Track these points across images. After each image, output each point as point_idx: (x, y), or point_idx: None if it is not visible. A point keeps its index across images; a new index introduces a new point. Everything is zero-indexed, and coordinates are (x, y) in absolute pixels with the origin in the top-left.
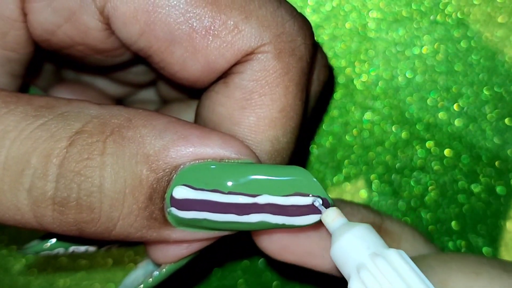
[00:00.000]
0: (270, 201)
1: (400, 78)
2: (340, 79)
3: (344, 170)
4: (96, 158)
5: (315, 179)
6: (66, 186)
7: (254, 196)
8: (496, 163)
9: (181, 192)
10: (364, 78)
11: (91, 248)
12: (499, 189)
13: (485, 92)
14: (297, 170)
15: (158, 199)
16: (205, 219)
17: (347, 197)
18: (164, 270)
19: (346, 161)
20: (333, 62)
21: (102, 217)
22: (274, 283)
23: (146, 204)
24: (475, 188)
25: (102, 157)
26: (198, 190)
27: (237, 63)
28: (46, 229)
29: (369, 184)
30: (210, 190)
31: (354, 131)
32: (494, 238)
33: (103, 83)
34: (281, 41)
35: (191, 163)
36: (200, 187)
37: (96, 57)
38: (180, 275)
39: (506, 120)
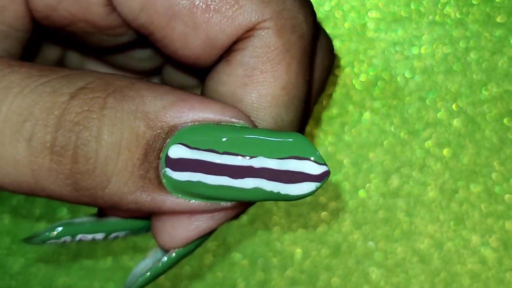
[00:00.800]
0: (265, 165)
1: (399, 78)
2: (339, 79)
3: (343, 170)
4: (96, 110)
5: (311, 144)
6: (65, 135)
7: (249, 157)
8: (495, 163)
9: (176, 151)
10: (363, 78)
11: (98, 236)
12: (498, 189)
13: (484, 92)
14: (293, 134)
15: (153, 157)
16: (199, 182)
17: (346, 197)
18: (172, 255)
19: (345, 161)
20: None
21: (97, 168)
22: (273, 283)
23: (141, 161)
24: (474, 188)
25: (101, 110)
26: (194, 149)
27: (238, 40)
28: (42, 187)
29: (368, 184)
30: (205, 149)
31: (353, 131)
32: (493, 238)
33: (106, 71)
34: (282, 17)
35: (189, 124)
36: (196, 147)
37: (98, 37)
38: (180, 275)
39: (505, 120)
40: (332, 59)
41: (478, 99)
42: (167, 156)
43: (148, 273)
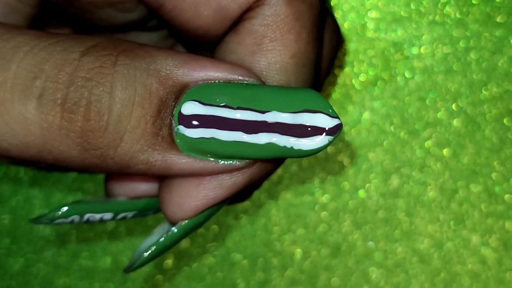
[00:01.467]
0: (279, 119)
1: (399, 78)
2: (339, 79)
3: (343, 170)
4: (109, 66)
5: (324, 98)
6: (77, 91)
7: (262, 112)
8: (495, 163)
9: (190, 107)
10: (362, 78)
11: (107, 216)
12: (498, 189)
13: (484, 92)
14: (305, 89)
15: (167, 114)
16: (212, 139)
17: (346, 197)
18: (181, 226)
19: (345, 161)
20: None
21: (109, 125)
22: (273, 283)
23: (154, 118)
24: (474, 188)
25: (114, 66)
26: (207, 106)
27: (249, 9)
28: (50, 147)
29: (368, 184)
30: (219, 105)
31: (353, 131)
32: (493, 238)
33: None
34: None
35: (201, 82)
36: (209, 103)
37: (107, 12)
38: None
39: (505, 120)
40: (339, 40)
41: (478, 99)
42: (180, 113)
43: (155, 246)
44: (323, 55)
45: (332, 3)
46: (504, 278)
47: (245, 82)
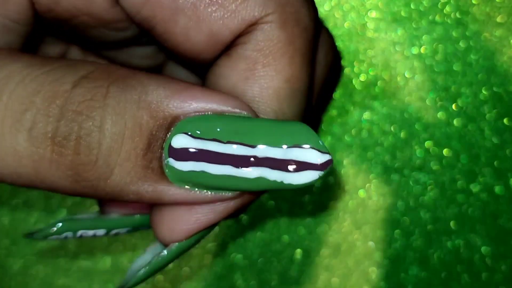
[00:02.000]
0: (269, 154)
1: (399, 78)
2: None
3: (343, 170)
4: (99, 99)
5: (314, 133)
6: (67, 125)
7: (253, 146)
8: (495, 163)
9: (180, 141)
10: (363, 78)
11: (100, 232)
12: (498, 189)
13: (484, 92)
14: (296, 123)
15: (157, 148)
16: (202, 172)
17: (346, 197)
18: (172, 248)
19: (345, 161)
20: None
21: (99, 159)
22: (273, 283)
23: (144, 151)
24: (474, 188)
25: (104, 99)
26: (197, 139)
27: (241, 34)
28: (42, 178)
29: (368, 184)
30: (208, 139)
31: (353, 131)
32: (493, 237)
33: None
34: (286, 11)
35: (192, 114)
36: (199, 136)
37: (100, 31)
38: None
39: (505, 120)
40: (334, 56)
41: (478, 99)
42: (170, 146)
43: (147, 267)
44: (317, 73)
45: (332, 3)
46: (504, 277)
47: (237, 114)
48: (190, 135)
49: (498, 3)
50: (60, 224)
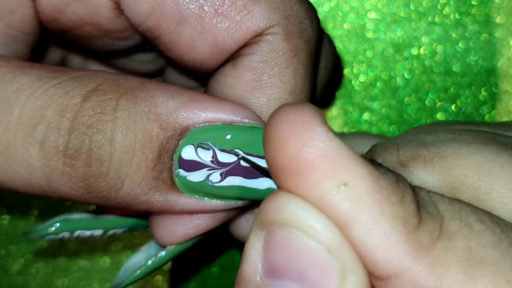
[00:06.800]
0: None
1: (398, 79)
2: None
3: None
4: (109, 112)
5: None
6: (78, 138)
7: (262, 157)
8: None
9: (190, 152)
10: (362, 78)
11: (97, 232)
12: None
13: (483, 92)
14: None
15: (167, 159)
16: (212, 182)
17: None
18: (169, 250)
19: None
20: None
21: (110, 171)
22: None
23: (154, 162)
24: None
25: (114, 112)
26: (207, 150)
27: (246, 44)
28: (54, 189)
29: None
30: (219, 150)
31: (353, 131)
32: None
33: None
34: (290, 23)
35: (202, 125)
36: (209, 148)
37: (104, 40)
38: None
39: (505, 120)
40: (335, 62)
41: (477, 100)
42: (180, 157)
43: (144, 268)
44: (318, 80)
45: (332, 4)
46: None
47: (246, 125)
48: (200, 146)
49: (498, 4)
50: (58, 225)
